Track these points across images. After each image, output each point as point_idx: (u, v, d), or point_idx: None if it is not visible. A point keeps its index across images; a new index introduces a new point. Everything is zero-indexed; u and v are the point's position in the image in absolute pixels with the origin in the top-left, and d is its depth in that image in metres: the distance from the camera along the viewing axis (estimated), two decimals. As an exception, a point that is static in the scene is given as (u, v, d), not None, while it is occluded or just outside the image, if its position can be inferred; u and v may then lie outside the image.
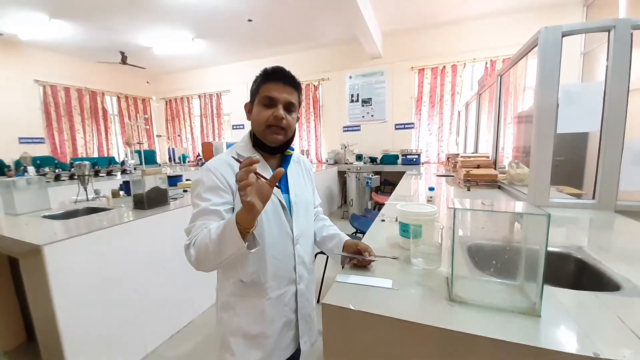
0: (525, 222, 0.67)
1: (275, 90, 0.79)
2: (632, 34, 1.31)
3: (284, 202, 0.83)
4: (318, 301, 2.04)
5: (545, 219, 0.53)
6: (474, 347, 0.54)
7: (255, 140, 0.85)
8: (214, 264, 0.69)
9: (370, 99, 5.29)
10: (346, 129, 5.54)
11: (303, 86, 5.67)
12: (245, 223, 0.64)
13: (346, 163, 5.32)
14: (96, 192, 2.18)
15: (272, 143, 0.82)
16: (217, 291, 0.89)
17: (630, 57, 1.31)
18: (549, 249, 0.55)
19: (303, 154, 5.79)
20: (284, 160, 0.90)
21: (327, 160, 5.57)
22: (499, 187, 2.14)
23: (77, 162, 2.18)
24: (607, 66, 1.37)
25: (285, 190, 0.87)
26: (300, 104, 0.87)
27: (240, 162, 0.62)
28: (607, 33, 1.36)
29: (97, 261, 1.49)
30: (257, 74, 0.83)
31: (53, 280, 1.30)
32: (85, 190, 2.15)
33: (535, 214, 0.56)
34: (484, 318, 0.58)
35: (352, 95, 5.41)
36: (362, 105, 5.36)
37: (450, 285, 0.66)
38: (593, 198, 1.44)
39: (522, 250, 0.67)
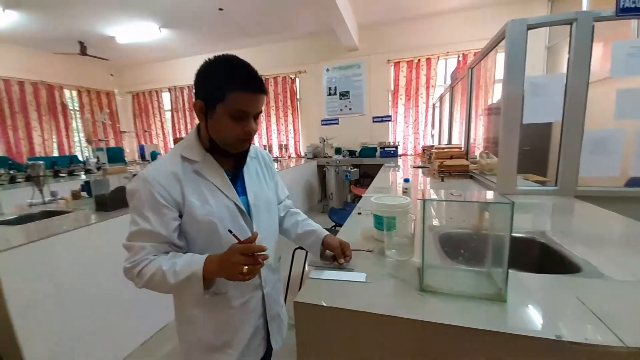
0: (492, 211, 0.68)
1: (249, 103, 0.69)
2: (593, 26, 1.37)
3: (241, 206, 0.77)
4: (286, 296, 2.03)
5: (510, 207, 0.54)
6: (444, 336, 0.54)
7: (214, 146, 0.75)
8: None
9: (348, 92, 5.28)
10: (325, 122, 5.51)
11: (279, 79, 5.53)
12: (216, 276, 0.67)
13: (325, 157, 5.31)
14: (53, 194, 2.01)
15: (235, 152, 0.75)
16: (174, 303, 0.82)
17: (590, 49, 1.38)
18: (515, 234, 0.56)
19: (282, 149, 5.73)
20: (240, 158, 0.81)
21: (306, 155, 5.52)
22: (471, 177, 2.21)
23: (31, 162, 2.00)
24: (568, 58, 1.43)
25: (243, 192, 0.80)
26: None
27: (237, 238, 0.67)
28: (569, 26, 1.42)
29: (56, 268, 1.38)
30: (214, 64, 0.69)
31: (7, 291, 1.20)
32: (41, 192, 1.98)
33: (500, 203, 0.57)
34: (453, 306, 0.58)
35: (329, 89, 5.37)
36: (340, 99, 5.34)
37: (421, 275, 0.66)
38: (555, 185, 1.52)
39: (489, 237, 0.69)
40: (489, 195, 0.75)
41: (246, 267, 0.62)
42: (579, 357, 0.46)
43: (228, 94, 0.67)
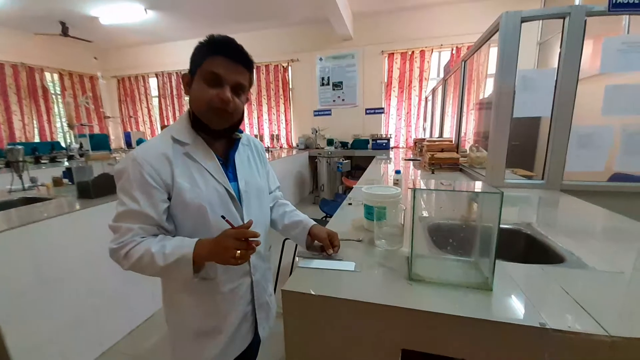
0: (481, 201, 0.68)
1: (223, 66, 0.67)
2: (585, 21, 1.37)
3: (232, 192, 0.75)
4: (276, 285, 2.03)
5: (499, 197, 0.54)
6: (432, 324, 0.54)
7: (196, 121, 0.73)
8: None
9: (341, 82, 5.22)
10: (317, 113, 5.45)
11: (271, 67, 5.39)
12: (207, 260, 0.66)
13: (317, 148, 5.27)
14: (32, 180, 1.93)
15: (215, 127, 0.72)
16: (162, 288, 0.81)
17: (582, 43, 1.38)
18: (502, 226, 0.56)
19: (273, 139, 5.66)
20: (232, 144, 0.81)
21: (297, 145, 5.48)
22: (460, 170, 2.23)
23: (9, 147, 1.91)
24: (560, 53, 1.44)
25: (234, 178, 0.79)
26: (251, 84, 0.76)
27: (230, 223, 0.66)
28: (562, 21, 1.42)
29: (36, 256, 1.33)
30: (201, 40, 0.69)
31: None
32: (21, 178, 1.90)
33: (490, 192, 0.56)
34: (440, 295, 0.59)
35: (322, 79, 5.29)
36: (333, 89, 5.28)
37: (410, 264, 0.66)
38: (542, 178, 1.55)
39: (477, 228, 0.69)
40: (479, 186, 0.75)
41: (239, 251, 0.61)
42: (563, 344, 0.47)
43: (204, 59, 0.68)
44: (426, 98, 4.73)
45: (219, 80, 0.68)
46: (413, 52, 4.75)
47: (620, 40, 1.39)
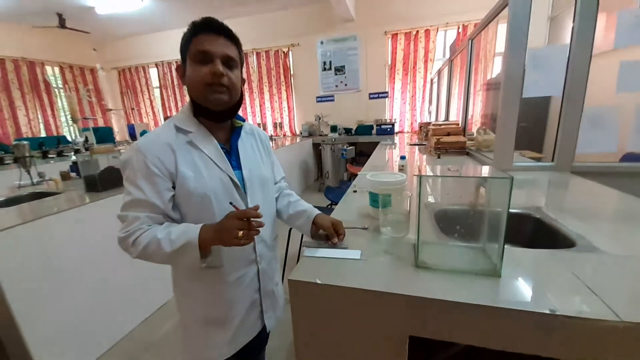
0: (489, 186, 0.67)
1: (207, 42, 0.68)
2: (599, -7, 1.29)
3: (236, 180, 0.75)
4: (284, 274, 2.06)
5: (509, 182, 0.52)
6: (439, 311, 0.54)
7: (197, 108, 0.74)
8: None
9: (344, 66, 5.10)
10: (320, 99, 5.37)
11: (272, 53, 5.27)
12: (212, 244, 0.65)
13: (321, 135, 5.23)
14: (40, 175, 1.96)
15: (215, 105, 0.71)
16: (172, 275, 0.83)
17: (596, 16, 1.31)
18: (510, 210, 0.54)
19: (276, 127, 5.62)
20: (234, 133, 0.81)
21: (301, 133, 5.43)
22: (467, 154, 2.19)
23: (15, 143, 1.92)
24: (572, 28, 1.37)
25: (238, 167, 0.79)
26: (242, 61, 0.76)
27: (237, 208, 0.66)
28: (574, -7, 1.35)
29: (49, 249, 1.37)
30: (185, 30, 0.71)
31: (1, 274, 1.18)
32: (29, 173, 1.93)
33: (499, 178, 0.55)
34: (448, 282, 0.58)
35: (324, 63, 5.17)
36: (336, 74, 5.16)
37: (417, 251, 0.66)
38: (552, 160, 1.51)
39: (485, 213, 0.67)
40: (487, 170, 0.73)
41: (241, 231, 0.62)
42: (573, 330, 0.47)
43: (190, 43, 0.69)
44: (432, 80, 4.60)
45: (207, 56, 0.68)
46: (417, 31, 4.59)
47: (635, 14, 1.31)
